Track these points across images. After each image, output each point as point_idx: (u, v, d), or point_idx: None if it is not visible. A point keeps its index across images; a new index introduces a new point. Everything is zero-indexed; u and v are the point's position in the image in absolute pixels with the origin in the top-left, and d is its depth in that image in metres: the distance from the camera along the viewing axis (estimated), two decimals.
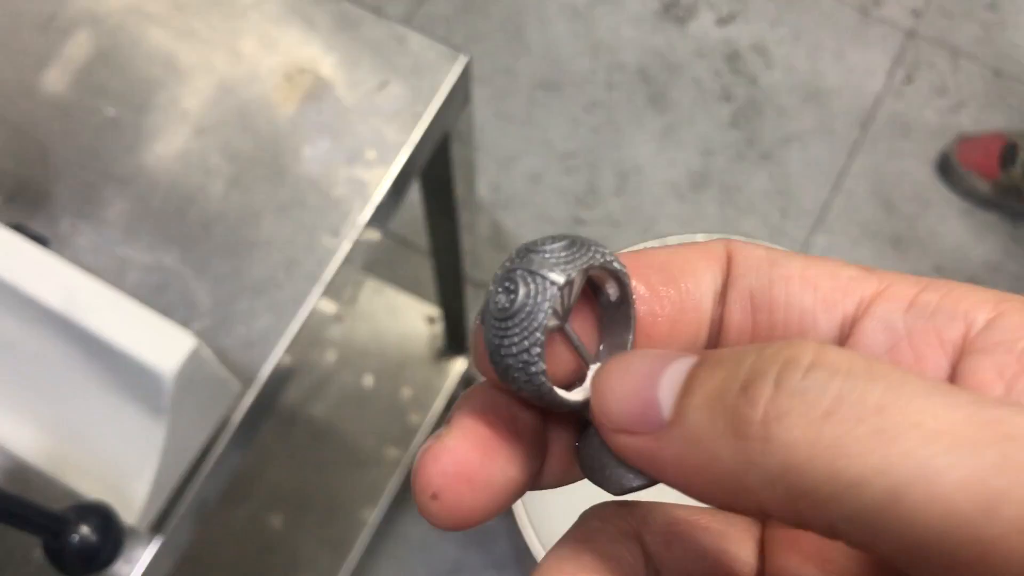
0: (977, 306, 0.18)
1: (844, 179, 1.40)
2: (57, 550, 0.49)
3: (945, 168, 1.39)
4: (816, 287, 0.19)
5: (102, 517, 0.50)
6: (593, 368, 0.20)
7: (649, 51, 1.47)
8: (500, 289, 0.18)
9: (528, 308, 0.18)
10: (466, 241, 0.89)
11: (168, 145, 0.64)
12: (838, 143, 1.42)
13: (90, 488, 0.53)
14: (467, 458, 0.18)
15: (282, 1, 0.68)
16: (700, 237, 0.98)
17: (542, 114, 1.43)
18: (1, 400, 0.54)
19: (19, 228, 0.56)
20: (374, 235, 0.65)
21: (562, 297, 0.18)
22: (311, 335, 0.61)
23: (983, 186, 1.35)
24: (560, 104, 1.44)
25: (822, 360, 0.15)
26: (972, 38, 1.49)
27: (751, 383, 0.15)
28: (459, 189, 0.79)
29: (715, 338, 0.21)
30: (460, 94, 0.67)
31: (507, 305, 0.18)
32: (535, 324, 0.18)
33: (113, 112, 0.64)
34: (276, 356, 0.59)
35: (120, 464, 0.53)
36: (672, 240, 0.96)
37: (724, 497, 0.16)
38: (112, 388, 0.53)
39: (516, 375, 0.18)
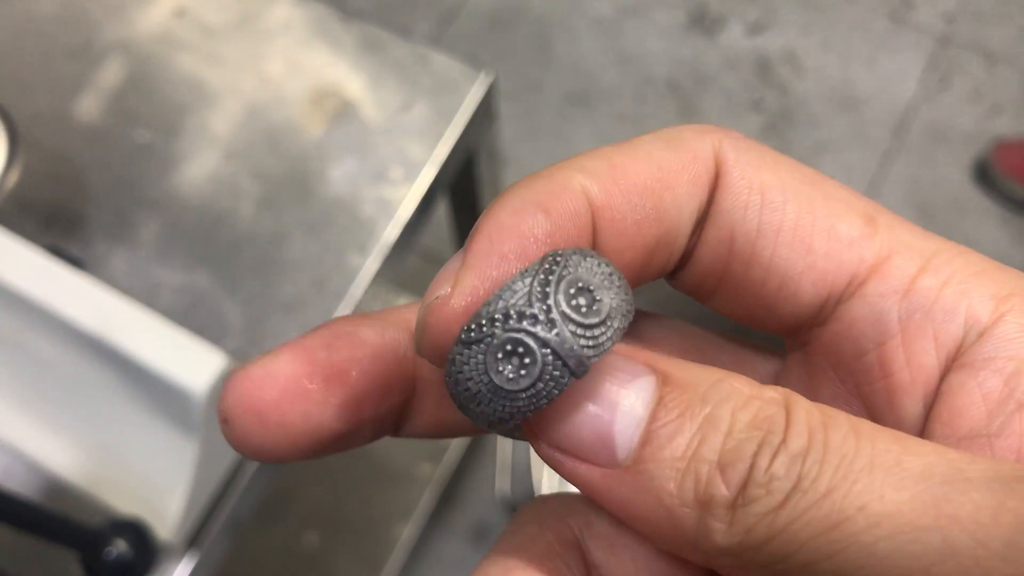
0: (980, 303, 0.17)
1: (878, 187, 1.38)
2: (94, 565, 0.50)
3: (982, 174, 1.37)
4: (809, 249, 0.18)
5: (137, 532, 0.52)
6: None
7: (678, 63, 1.47)
8: (509, 348, 0.15)
9: (534, 393, 0.15)
10: None
11: (198, 168, 0.65)
12: (871, 151, 1.40)
13: (125, 504, 0.54)
14: (263, 393, 0.17)
15: (308, 25, 0.69)
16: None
17: (571, 128, 1.43)
18: (38, 418, 0.56)
19: (56, 251, 0.57)
20: (401, 253, 0.65)
21: None
22: None
23: (1021, 192, 1.32)
24: (589, 118, 1.44)
25: (791, 438, 0.15)
26: (1008, 41, 1.46)
27: (730, 465, 0.15)
28: (486, 205, 0.80)
29: (683, 264, 0.19)
30: (485, 112, 0.68)
31: (511, 376, 0.15)
32: (532, 407, 0.15)
33: (145, 137, 0.66)
34: None
35: (154, 480, 0.54)
36: None
37: (668, 546, 0.16)
38: (146, 406, 0.54)
39: (482, 423, 0.16)
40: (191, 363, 0.49)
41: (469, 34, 1.50)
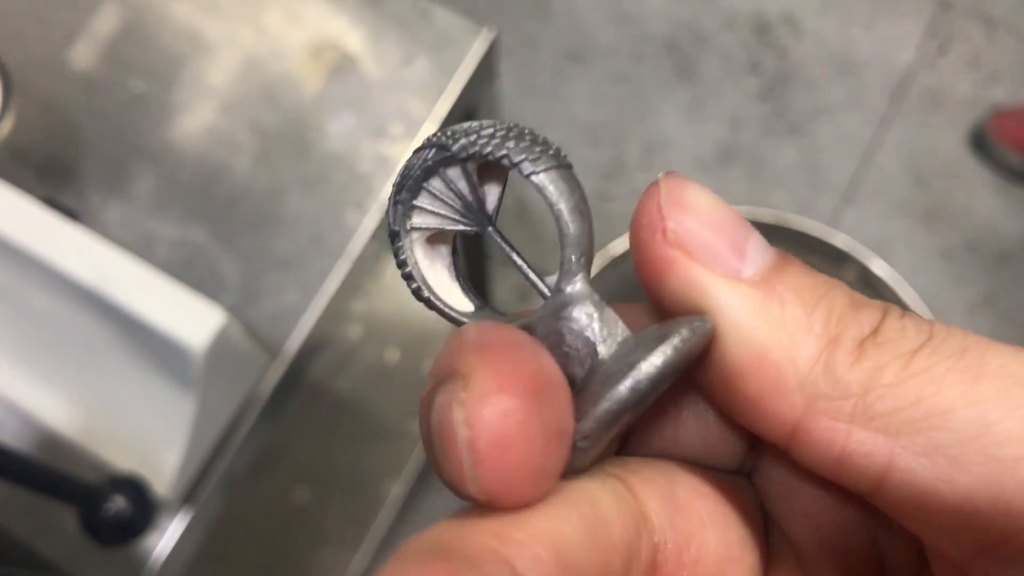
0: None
1: (874, 153, 1.38)
2: (92, 520, 0.50)
3: (978, 142, 1.36)
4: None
5: (136, 488, 0.51)
6: (536, 279, 0.17)
7: (676, 22, 1.46)
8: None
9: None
10: None
11: (195, 120, 0.64)
12: (868, 116, 1.40)
13: (122, 460, 0.54)
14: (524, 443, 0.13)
15: None
16: None
17: (567, 86, 1.42)
18: (35, 373, 0.55)
19: (50, 202, 0.56)
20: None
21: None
22: (337, 310, 0.62)
23: (1017, 160, 1.32)
24: (586, 76, 1.42)
25: (910, 314, 0.15)
26: (1008, 8, 1.45)
27: (862, 305, 0.15)
28: None
29: None
30: (486, 68, 0.67)
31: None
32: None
33: (140, 87, 0.65)
34: (303, 330, 0.59)
35: (151, 436, 0.54)
36: None
37: (766, 385, 0.15)
38: (143, 362, 0.54)
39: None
40: (190, 319, 0.49)
41: None
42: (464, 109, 0.67)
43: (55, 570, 0.53)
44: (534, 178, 0.16)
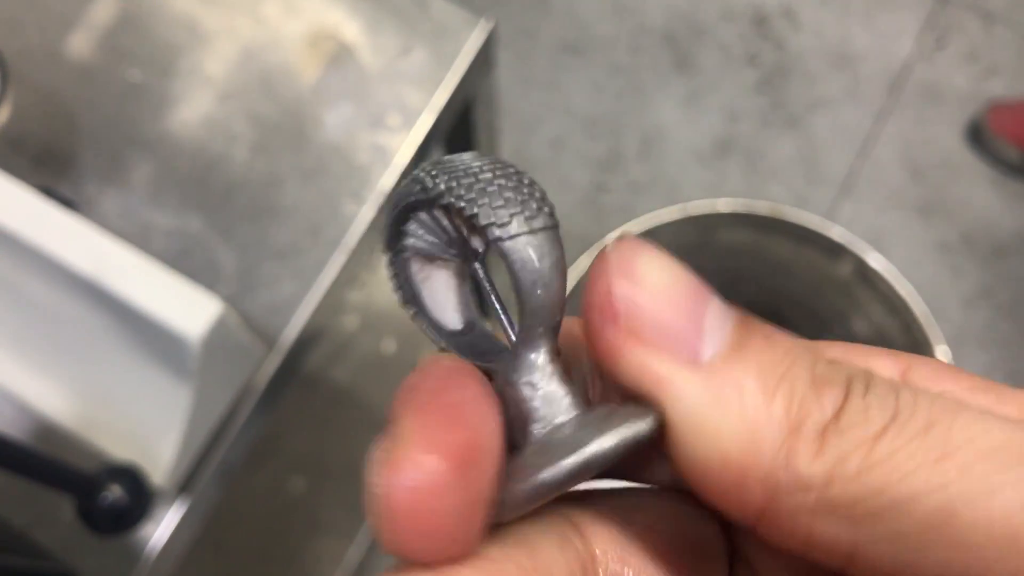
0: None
1: (871, 146, 1.38)
2: (89, 510, 0.50)
3: (975, 135, 1.36)
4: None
5: (133, 478, 0.51)
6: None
7: (674, 14, 1.45)
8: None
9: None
10: None
11: (192, 110, 0.64)
12: (866, 109, 1.40)
13: (119, 449, 0.54)
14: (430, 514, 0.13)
15: None
16: (722, 203, 0.97)
17: (565, 78, 1.42)
18: (32, 363, 0.55)
19: (47, 191, 0.56)
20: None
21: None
22: (334, 301, 0.62)
23: (1014, 154, 1.33)
24: (584, 68, 1.42)
25: (876, 380, 0.14)
26: (1006, 2, 1.45)
27: (825, 384, 0.14)
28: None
29: None
30: (484, 59, 0.67)
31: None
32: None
33: (137, 77, 0.65)
34: (300, 321, 0.59)
35: (148, 426, 0.54)
36: (695, 205, 0.96)
37: (726, 482, 0.14)
38: (140, 352, 0.54)
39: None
40: (186, 309, 0.49)
41: None
42: (462, 100, 0.67)
43: (52, 559, 0.53)
44: (500, 244, 0.15)
